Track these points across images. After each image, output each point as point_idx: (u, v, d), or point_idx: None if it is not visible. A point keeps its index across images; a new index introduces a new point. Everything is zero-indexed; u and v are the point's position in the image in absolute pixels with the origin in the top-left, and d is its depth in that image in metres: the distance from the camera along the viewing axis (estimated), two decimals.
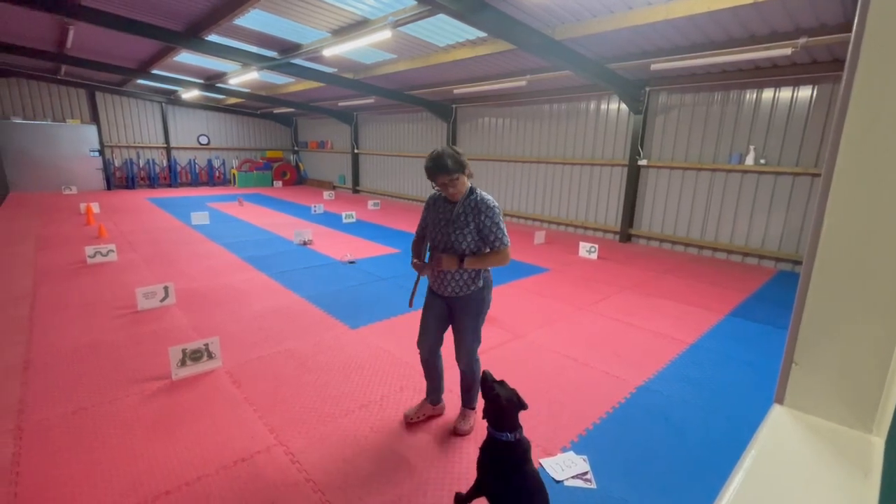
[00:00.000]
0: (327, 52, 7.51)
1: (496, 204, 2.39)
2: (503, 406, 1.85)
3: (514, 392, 1.92)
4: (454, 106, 11.80)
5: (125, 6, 6.66)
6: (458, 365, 2.67)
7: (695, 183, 7.71)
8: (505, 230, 2.39)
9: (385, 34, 6.16)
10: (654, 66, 6.64)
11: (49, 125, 13.93)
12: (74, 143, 14.42)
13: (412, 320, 4.35)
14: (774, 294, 5.60)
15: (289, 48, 8.41)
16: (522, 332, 4.17)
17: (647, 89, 7.94)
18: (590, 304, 5.03)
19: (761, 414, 0.98)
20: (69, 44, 9.10)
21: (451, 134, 12.04)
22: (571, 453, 2.49)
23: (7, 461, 2.33)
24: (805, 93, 6.45)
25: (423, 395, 2.94)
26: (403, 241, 8.20)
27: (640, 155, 8.21)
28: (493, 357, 3.65)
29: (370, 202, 12.68)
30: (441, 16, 5.77)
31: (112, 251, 6.25)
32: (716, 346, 4.01)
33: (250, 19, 6.93)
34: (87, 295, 4.86)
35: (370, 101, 12.42)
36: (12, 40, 9.41)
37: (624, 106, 8.36)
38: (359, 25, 6.77)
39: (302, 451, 2.46)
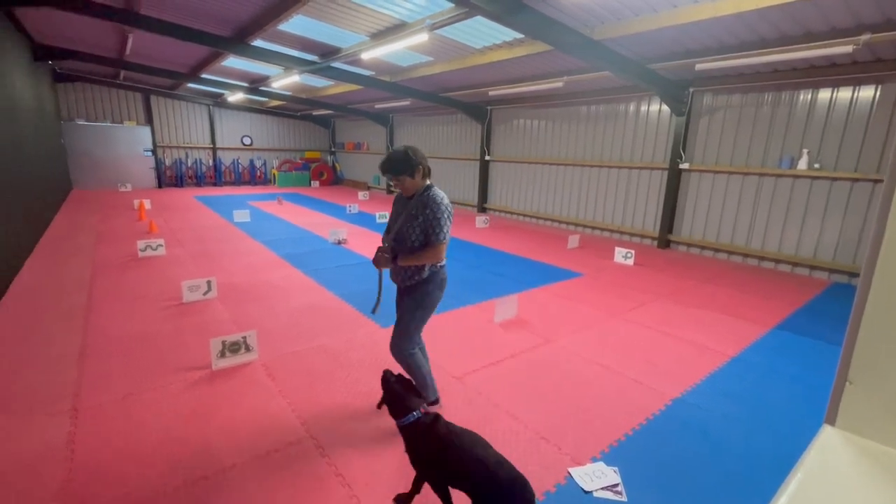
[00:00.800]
0: (365, 56, 7.67)
1: (444, 202, 2.51)
2: (395, 391, 2.02)
3: (408, 381, 2.12)
4: (489, 107, 11.76)
5: (179, 14, 7.04)
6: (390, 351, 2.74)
7: (740, 188, 7.34)
8: (444, 227, 2.49)
9: (422, 37, 6.22)
10: (699, 66, 6.39)
11: (108, 126, 14.91)
12: (130, 143, 15.38)
13: (442, 322, 4.37)
14: (827, 307, 5.26)
15: (329, 52, 8.64)
16: (553, 337, 4.10)
17: (691, 90, 7.64)
18: (624, 310, 4.88)
19: (810, 434, 0.93)
20: (128, 50, 9.72)
21: (486, 135, 12.02)
22: (602, 464, 2.43)
23: (63, 440, 2.50)
24: (867, 93, 6.02)
25: (448, 398, 2.95)
26: None
27: (681, 158, 7.91)
28: (522, 361, 3.61)
29: None
30: (478, 18, 5.78)
31: (161, 246, 6.61)
32: (760, 360, 3.80)
33: (294, 24, 7.17)
34: (138, 287, 5.16)
35: (406, 103, 12.57)
36: (79, 47, 10.15)
37: (665, 107, 8.09)
38: (396, 29, 6.87)
39: (332, 445, 2.51)
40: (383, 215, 10.37)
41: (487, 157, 12.08)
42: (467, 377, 3.31)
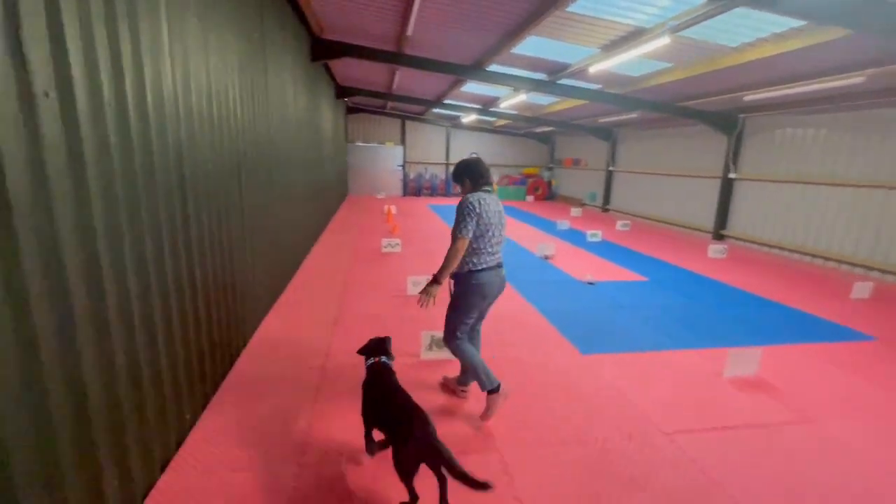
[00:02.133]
0: (594, 69, 7.43)
1: (468, 201, 2.74)
2: (370, 344, 2.69)
3: (384, 343, 2.72)
4: (741, 116, 9.81)
5: (433, 50, 8.29)
6: None
7: None
8: (461, 223, 2.73)
9: (662, 41, 5.62)
10: None
11: (375, 147, 18.83)
12: (388, 159, 19.06)
13: (651, 362, 3.82)
14: None
15: (557, 69, 8.73)
16: (814, 416, 3.06)
17: None
18: None
19: None
20: (395, 85, 12.02)
21: (734, 149, 10.07)
22: None
23: (313, 389, 3.19)
24: None
25: (649, 457, 2.52)
26: (653, 268, 7.32)
27: None
28: (762, 436, 2.79)
29: (619, 222, 11.90)
30: (736, 10, 4.85)
31: (398, 244, 7.87)
32: None
33: (525, 46, 7.51)
34: (377, 276, 6.26)
35: (633, 115, 11.66)
36: (364, 86, 13.13)
37: None
38: (632, 37, 6.41)
39: (514, 465, 2.45)
40: (595, 234, 9.85)
41: (732, 175, 10.10)
42: (679, 436, 2.77)
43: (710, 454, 2.61)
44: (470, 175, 2.90)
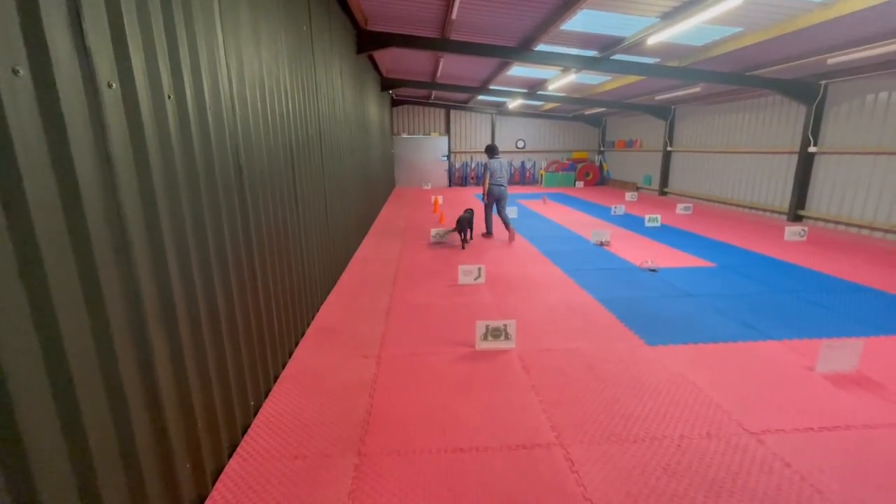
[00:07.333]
0: (652, 41, 6.90)
1: (483, 165, 7.83)
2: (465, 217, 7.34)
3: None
4: (823, 82, 8.81)
5: (478, 34, 8.06)
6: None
7: None
8: (484, 174, 7.61)
9: (734, 2, 5.09)
10: None
11: (420, 138, 18.80)
12: (433, 150, 18.97)
13: (731, 353, 3.50)
14: None
15: (610, 44, 8.22)
16: None
17: None
18: None
19: None
20: (439, 73, 11.87)
21: (814, 120, 9.08)
22: None
23: (370, 378, 3.18)
24: None
25: (735, 458, 2.26)
26: (721, 253, 6.77)
27: None
28: (866, 440, 2.45)
29: (680, 206, 11.15)
30: None
31: (447, 234, 7.78)
32: None
33: (576, 21, 7.11)
34: (427, 266, 6.21)
35: (695, 90, 10.84)
36: (408, 77, 13.08)
37: None
38: (696, 1, 5.86)
39: (582, 462, 2.29)
40: (654, 218, 9.27)
41: (812, 148, 9.12)
42: (768, 437, 2.49)
43: (807, 457, 2.32)
44: (488, 152, 7.57)
